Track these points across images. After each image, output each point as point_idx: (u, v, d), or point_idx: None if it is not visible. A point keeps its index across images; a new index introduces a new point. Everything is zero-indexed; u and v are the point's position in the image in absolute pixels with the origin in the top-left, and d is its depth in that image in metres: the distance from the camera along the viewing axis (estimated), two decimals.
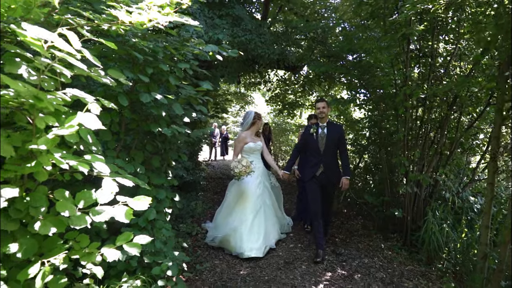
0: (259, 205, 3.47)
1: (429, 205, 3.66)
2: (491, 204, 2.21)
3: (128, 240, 1.47)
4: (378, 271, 2.95)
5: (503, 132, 3.14)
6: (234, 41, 4.93)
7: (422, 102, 3.68)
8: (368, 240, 3.86)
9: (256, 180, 3.55)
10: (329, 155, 3.33)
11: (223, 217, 3.59)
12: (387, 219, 4.21)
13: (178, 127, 2.40)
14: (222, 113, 11.88)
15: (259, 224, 3.38)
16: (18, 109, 1.16)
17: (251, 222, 3.35)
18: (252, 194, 3.47)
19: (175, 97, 2.37)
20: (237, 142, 3.70)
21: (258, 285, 2.64)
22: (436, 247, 3.27)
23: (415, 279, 2.84)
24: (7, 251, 1.09)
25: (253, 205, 3.43)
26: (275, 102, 8.73)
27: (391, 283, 2.73)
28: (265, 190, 3.64)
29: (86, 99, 1.28)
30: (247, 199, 3.46)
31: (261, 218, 3.43)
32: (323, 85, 7.27)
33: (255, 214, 3.40)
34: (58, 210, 1.18)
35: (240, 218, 3.39)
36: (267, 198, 3.63)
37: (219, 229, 3.54)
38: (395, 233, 4.00)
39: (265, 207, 3.53)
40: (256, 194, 3.49)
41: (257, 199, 3.48)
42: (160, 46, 2.08)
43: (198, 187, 6.24)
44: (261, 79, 8.77)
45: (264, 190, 3.63)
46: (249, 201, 3.44)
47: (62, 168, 1.23)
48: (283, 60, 6.19)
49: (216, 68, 5.53)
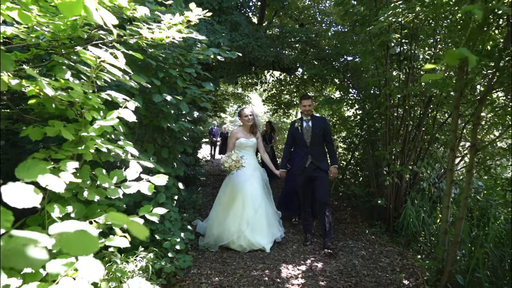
0: (251, 202, 3.42)
1: (409, 195, 4.08)
2: (451, 187, 2.61)
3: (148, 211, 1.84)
4: (360, 250, 3.34)
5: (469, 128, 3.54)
6: (233, 45, 5.30)
7: (402, 101, 4.09)
8: (355, 227, 4.26)
9: (251, 177, 3.54)
10: (315, 146, 3.47)
11: (218, 218, 3.49)
12: (373, 209, 4.60)
13: (184, 123, 2.78)
14: (221, 112, 12.24)
15: (261, 220, 3.38)
16: (70, 105, 1.53)
17: (240, 218, 3.34)
18: (243, 193, 3.43)
19: (182, 97, 2.75)
20: (229, 138, 3.78)
21: (254, 260, 3.03)
22: (414, 231, 3.68)
23: (392, 256, 3.23)
24: (65, 212, 1.46)
25: (242, 202, 3.39)
26: (271, 102, 9.12)
27: (370, 259, 3.13)
28: (260, 185, 3.61)
29: (117, 99, 1.66)
30: (236, 197, 3.43)
31: (262, 214, 3.41)
32: (316, 85, 7.66)
33: (246, 211, 3.36)
34: (100, 182, 1.55)
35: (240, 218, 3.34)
36: (263, 193, 3.60)
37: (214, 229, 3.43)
38: (379, 220, 4.40)
39: (263, 202, 3.52)
40: (246, 192, 3.44)
41: (249, 197, 3.44)
42: (170, 53, 2.46)
43: (198, 182, 6.62)
44: (257, 80, 9.17)
45: (259, 185, 3.60)
46: (239, 199, 3.41)
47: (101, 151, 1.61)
48: (278, 62, 6.57)
49: (215, 70, 5.91)
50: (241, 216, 3.36)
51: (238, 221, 3.34)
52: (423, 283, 2.61)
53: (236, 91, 13.33)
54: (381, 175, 4.68)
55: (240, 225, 3.31)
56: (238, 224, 3.32)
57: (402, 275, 2.73)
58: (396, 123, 4.22)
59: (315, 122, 3.50)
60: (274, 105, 9.03)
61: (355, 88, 5.58)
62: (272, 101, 9.07)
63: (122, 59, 1.35)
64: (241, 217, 3.35)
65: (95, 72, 1.43)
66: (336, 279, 2.65)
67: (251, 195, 3.45)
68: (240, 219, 3.35)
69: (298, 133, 3.51)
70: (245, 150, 3.68)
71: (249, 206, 3.39)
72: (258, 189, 3.55)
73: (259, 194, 3.52)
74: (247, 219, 3.34)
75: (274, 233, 3.52)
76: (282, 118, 11.17)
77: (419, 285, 2.59)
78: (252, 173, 3.59)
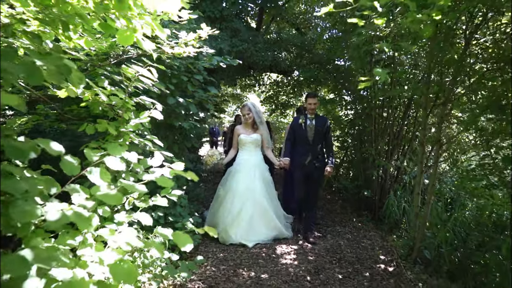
0: (247, 198, 3.44)
1: (392, 187, 4.54)
2: (421, 176, 3.07)
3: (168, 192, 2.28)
4: (346, 234, 3.80)
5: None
6: (233, 50, 5.75)
7: (387, 103, 4.55)
8: (343, 216, 4.71)
9: (246, 175, 3.56)
10: (316, 144, 3.52)
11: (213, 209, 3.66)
12: (361, 200, 5.06)
13: (193, 122, 3.22)
14: (220, 113, 12.67)
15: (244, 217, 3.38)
16: (110, 107, 1.97)
17: (237, 212, 3.39)
18: (240, 188, 3.49)
19: (191, 100, 3.19)
20: (233, 135, 3.89)
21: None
22: (395, 219, 4.14)
23: (374, 239, 3.68)
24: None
25: (239, 197, 3.45)
26: (269, 102, 9.57)
27: (354, 240, 3.58)
28: (257, 183, 3.55)
29: (146, 102, 2.10)
30: (234, 192, 3.50)
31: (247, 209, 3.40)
32: (311, 87, 8.12)
33: (241, 207, 3.41)
34: (135, 167, 1.99)
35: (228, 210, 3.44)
36: (260, 193, 3.53)
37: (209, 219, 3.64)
38: (366, 210, 4.86)
39: (255, 201, 3.46)
40: (244, 188, 3.48)
41: (246, 192, 3.47)
42: (182, 63, 2.90)
43: (200, 178, 7.05)
44: (256, 82, 9.61)
45: (256, 183, 3.54)
46: (237, 194, 3.47)
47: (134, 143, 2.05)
48: (275, 66, 7.03)
49: (216, 73, 6.35)
50: (229, 210, 3.43)
51: (225, 214, 3.43)
52: (397, 258, 3.07)
53: (235, 92, 13.76)
54: (368, 169, 5.15)
55: (225, 219, 3.40)
56: (224, 217, 3.41)
57: (379, 252, 3.19)
58: (381, 122, 4.68)
59: (319, 121, 3.54)
60: (271, 106, 9.48)
61: (347, 90, 6.04)
62: (269, 102, 9.53)
63: (155, 73, 1.79)
64: (229, 212, 3.43)
65: (133, 83, 1.87)
66: (323, 255, 3.10)
67: (241, 192, 3.47)
68: (228, 213, 3.42)
69: (301, 129, 3.52)
70: (245, 146, 3.70)
71: (237, 203, 3.43)
72: (252, 187, 3.49)
73: (251, 191, 3.47)
74: (231, 215, 3.39)
75: (266, 233, 3.43)
76: (280, 118, 11.63)
77: (394, 260, 3.05)
78: (248, 171, 3.58)
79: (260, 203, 3.47)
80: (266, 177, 3.71)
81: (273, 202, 3.68)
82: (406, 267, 2.88)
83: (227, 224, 3.36)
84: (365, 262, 2.99)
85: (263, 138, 3.75)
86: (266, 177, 3.72)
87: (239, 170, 3.61)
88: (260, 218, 3.44)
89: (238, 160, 3.74)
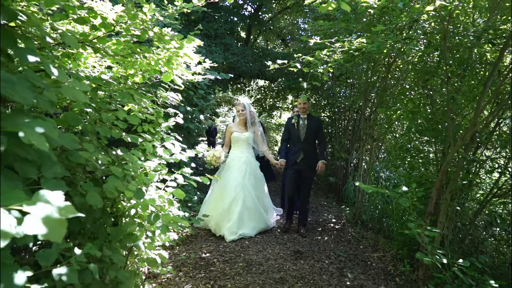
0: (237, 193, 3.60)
1: (351, 174, 5.76)
2: (362, 162, 4.28)
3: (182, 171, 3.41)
4: (312, 210, 4.99)
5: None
6: (225, 63, 6.89)
7: (348, 108, 5.77)
8: (315, 198, 5.91)
9: (236, 171, 3.72)
10: (308, 143, 3.70)
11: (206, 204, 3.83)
12: (329, 186, 6.29)
13: (197, 124, 4.37)
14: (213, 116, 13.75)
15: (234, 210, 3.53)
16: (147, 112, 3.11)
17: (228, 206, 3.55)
18: (232, 183, 3.64)
19: (195, 107, 4.33)
20: (226, 132, 4.08)
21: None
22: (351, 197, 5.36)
23: (332, 212, 4.89)
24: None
25: (230, 192, 3.60)
26: (258, 105, 10.75)
27: (316, 212, 4.78)
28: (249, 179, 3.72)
29: (170, 111, 3.24)
30: (226, 186, 3.66)
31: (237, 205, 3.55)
32: (293, 92, 9.33)
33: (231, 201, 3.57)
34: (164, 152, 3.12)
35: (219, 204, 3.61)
36: (250, 188, 3.69)
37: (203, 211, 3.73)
38: (333, 193, 6.07)
39: (245, 196, 3.62)
40: (235, 183, 3.64)
41: (237, 187, 3.62)
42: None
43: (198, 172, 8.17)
44: (245, 87, 10.78)
45: (248, 179, 3.71)
46: (228, 189, 3.63)
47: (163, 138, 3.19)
48: (261, 74, 8.21)
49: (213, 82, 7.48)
50: (221, 204, 3.60)
51: (214, 209, 3.62)
52: (345, 221, 4.27)
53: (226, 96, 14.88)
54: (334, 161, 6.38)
55: (217, 212, 3.58)
56: (216, 211, 3.60)
57: (332, 217, 4.39)
58: (344, 123, 5.91)
59: (310, 121, 3.73)
60: (259, 108, 10.66)
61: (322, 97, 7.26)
62: (258, 104, 10.71)
63: (180, 97, 2.92)
64: (217, 207, 3.62)
65: (164, 100, 3.00)
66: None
67: (233, 187, 3.63)
68: (216, 208, 3.62)
69: (294, 129, 3.74)
70: (237, 143, 3.86)
71: (226, 198, 3.60)
72: (243, 183, 3.66)
73: (242, 187, 3.63)
74: (222, 208, 3.56)
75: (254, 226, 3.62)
76: (268, 119, 12.83)
77: (341, 222, 4.25)
78: (240, 167, 3.75)
79: (251, 199, 3.66)
80: (257, 174, 3.87)
81: (262, 197, 3.89)
82: (350, 226, 4.09)
83: (219, 218, 3.56)
84: (320, 224, 4.19)
85: (257, 138, 3.94)
86: (257, 174, 3.88)
87: (231, 166, 3.82)
88: (250, 212, 3.62)
89: (231, 156, 3.92)
